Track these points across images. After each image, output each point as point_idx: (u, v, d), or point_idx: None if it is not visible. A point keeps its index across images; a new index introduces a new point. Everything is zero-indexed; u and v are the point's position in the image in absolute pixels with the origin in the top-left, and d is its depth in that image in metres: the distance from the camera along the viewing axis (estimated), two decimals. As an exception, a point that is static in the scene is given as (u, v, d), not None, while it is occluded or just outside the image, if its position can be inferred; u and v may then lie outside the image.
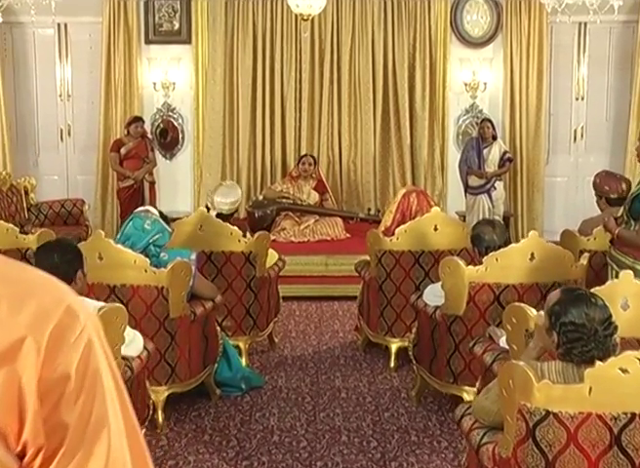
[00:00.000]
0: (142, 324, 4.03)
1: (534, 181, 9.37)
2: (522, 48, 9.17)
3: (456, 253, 5.02)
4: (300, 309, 6.75)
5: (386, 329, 5.15)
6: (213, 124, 9.20)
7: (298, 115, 9.15)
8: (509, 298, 3.98)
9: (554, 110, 9.53)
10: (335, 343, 5.76)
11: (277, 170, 9.23)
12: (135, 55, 9.16)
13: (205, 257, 5.01)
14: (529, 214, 9.42)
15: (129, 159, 8.59)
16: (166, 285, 4.01)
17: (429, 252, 5.00)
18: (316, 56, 9.13)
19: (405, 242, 5.01)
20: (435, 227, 4.99)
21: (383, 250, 5.04)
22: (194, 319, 4.20)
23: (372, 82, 9.11)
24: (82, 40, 9.41)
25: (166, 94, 9.28)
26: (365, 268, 5.32)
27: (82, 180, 9.62)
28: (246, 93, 9.10)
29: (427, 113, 9.18)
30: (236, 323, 5.12)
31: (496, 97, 9.39)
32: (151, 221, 4.19)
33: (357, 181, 9.28)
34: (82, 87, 9.47)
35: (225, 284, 5.05)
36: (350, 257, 7.05)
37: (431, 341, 4.29)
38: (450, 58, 9.23)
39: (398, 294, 5.07)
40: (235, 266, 5.02)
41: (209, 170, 9.26)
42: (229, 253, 5.00)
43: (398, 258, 5.02)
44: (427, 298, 4.33)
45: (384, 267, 5.06)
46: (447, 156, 9.40)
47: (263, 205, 8.10)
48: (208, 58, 9.15)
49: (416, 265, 5.02)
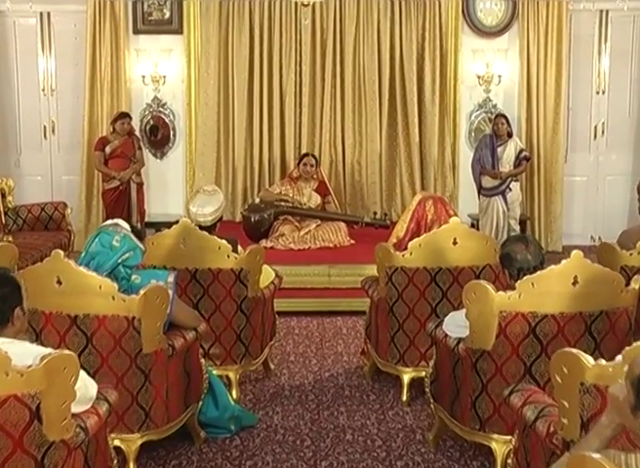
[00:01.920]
0: (110, 361, 3.39)
1: (552, 182, 8.76)
2: (539, 38, 8.58)
3: (478, 270, 4.38)
4: (300, 326, 6.10)
5: (398, 357, 4.49)
6: (206, 120, 8.61)
7: (298, 111, 8.58)
8: (547, 330, 3.34)
9: (573, 105, 8.93)
10: (338, 369, 5.10)
11: (276, 170, 8.63)
12: (122, 46, 8.58)
13: (189, 276, 4.36)
14: (546, 216, 8.82)
15: (114, 158, 7.99)
16: (138, 314, 3.36)
17: (447, 269, 4.35)
18: (317, 46, 8.54)
19: (419, 257, 4.36)
20: (454, 241, 4.34)
21: (395, 266, 4.38)
22: (172, 353, 3.54)
23: (377, 75, 8.53)
24: (66, 30, 8.81)
25: (156, 88, 8.71)
26: (373, 286, 4.66)
27: (67, 181, 9.04)
28: (242, 86, 8.52)
29: (437, 108, 8.60)
30: (225, 350, 4.47)
31: (511, 90, 8.80)
32: (121, 237, 3.54)
33: (362, 182, 8.69)
34: (67, 80, 8.88)
35: (213, 306, 4.40)
36: (355, 267, 6.52)
37: (453, 379, 3.64)
38: (462, 49, 8.66)
39: (411, 318, 4.42)
40: (224, 285, 4.37)
41: (202, 169, 8.67)
42: (217, 270, 4.35)
43: (411, 276, 4.36)
44: (448, 328, 3.67)
45: (396, 286, 4.41)
46: (458, 155, 8.80)
47: (260, 208, 7.44)
48: (201, 50, 8.58)
49: (432, 284, 4.36)
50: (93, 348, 3.37)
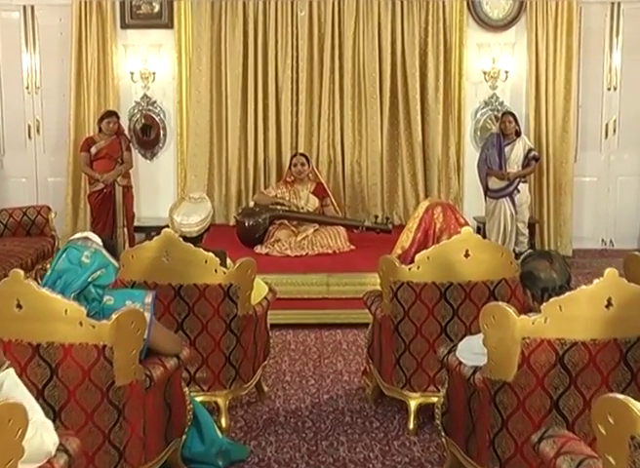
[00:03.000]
0: (78, 395, 2.96)
1: (561, 183, 8.38)
2: (548, 31, 8.19)
3: (492, 285, 3.96)
4: (297, 341, 5.68)
5: (404, 380, 4.07)
6: (198, 119, 8.20)
7: (294, 109, 8.16)
8: (577, 359, 2.92)
9: (583, 102, 8.54)
10: (338, 390, 4.68)
11: (271, 171, 8.24)
12: (109, 41, 8.17)
13: (172, 292, 3.93)
14: (556, 219, 8.42)
15: (99, 159, 7.61)
16: (109, 342, 2.93)
17: (459, 284, 3.93)
18: (315, 41, 8.12)
19: (428, 271, 3.94)
20: (466, 253, 3.92)
21: (400, 281, 3.96)
22: (150, 385, 3.12)
23: (378, 71, 8.12)
24: (51, 24, 8.40)
25: (145, 85, 8.31)
26: (376, 303, 4.24)
27: (53, 183, 8.65)
28: (236, 83, 8.10)
29: (441, 106, 8.20)
30: (213, 374, 4.05)
31: (518, 87, 8.42)
32: (91, 253, 3.11)
33: (362, 184, 8.28)
34: (52, 78, 8.48)
35: (199, 325, 3.98)
36: (355, 276, 6.17)
37: (468, 412, 3.22)
38: (467, 44, 8.26)
39: (419, 338, 4.00)
40: (211, 303, 3.95)
41: (194, 171, 8.27)
42: (204, 286, 3.93)
43: (419, 292, 3.94)
44: (462, 355, 3.25)
45: (401, 303, 3.98)
46: (463, 155, 8.43)
47: (255, 213, 7.03)
48: (192, 45, 8.17)
49: (441, 301, 3.94)
50: (58, 381, 2.95)
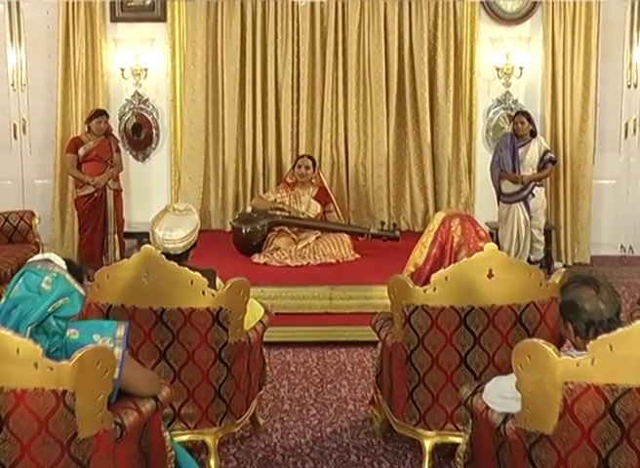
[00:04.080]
0: (33, 450, 2.49)
1: (579, 186, 7.92)
2: (565, 25, 7.70)
3: (519, 309, 3.47)
4: (297, 361, 5.20)
5: (418, 417, 3.58)
6: (193, 118, 7.74)
7: (295, 107, 7.71)
8: (630, 409, 2.45)
9: (601, 100, 8.06)
10: (342, 422, 4.20)
11: (271, 174, 7.78)
12: (98, 35, 7.70)
13: (154, 317, 3.45)
14: (573, 225, 7.96)
15: (88, 162, 7.15)
16: (70, 387, 2.45)
17: (481, 308, 3.44)
18: (317, 35, 7.67)
19: (445, 294, 3.45)
20: (490, 273, 3.42)
21: (414, 305, 3.47)
22: (122, 434, 2.64)
23: (384, 67, 7.66)
24: (37, 18, 7.92)
25: (137, 82, 7.86)
26: (386, 328, 3.76)
27: (41, 186, 8.18)
28: (233, 80, 7.65)
29: (451, 105, 7.72)
30: (201, 410, 3.56)
31: (534, 84, 7.94)
32: (52, 278, 2.64)
33: (367, 188, 7.82)
34: (39, 74, 8.01)
35: (184, 354, 3.49)
36: (361, 289, 5.71)
37: (497, 466, 2.72)
38: (479, 38, 7.77)
39: (435, 369, 3.51)
40: (198, 329, 3.46)
41: (188, 173, 7.80)
42: (189, 310, 3.44)
43: (435, 317, 3.45)
44: (490, 399, 2.77)
45: (415, 330, 3.49)
46: (475, 156, 7.95)
47: (252, 219, 6.56)
48: (187, 39, 7.70)
49: (461, 327, 3.45)
50: (9, 433, 2.47)
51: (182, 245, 3.58)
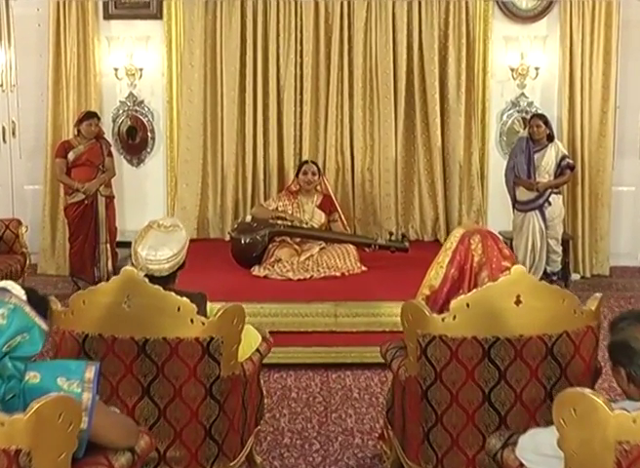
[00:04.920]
0: (-19, 520, 2.07)
1: (597, 193, 7.54)
2: (584, 23, 7.32)
3: (551, 340, 3.05)
4: (299, 386, 4.79)
5: (434, 461, 3.17)
6: (190, 121, 7.37)
7: (298, 110, 7.34)
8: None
9: (621, 102, 7.66)
10: (349, 460, 3.79)
11: (272, 180, 7.41)
12: (91, 33, 7.35)
13: (136, 348, 3.04)
14: (591, 234, 7.58)
15: (78, 167, 6.77)
16: (26, 445, 2.06)
17: (507, 339, 3.02)
18: (322, 33, 7.30)
19: (467, 322, 3.03)
20: (517, 299, 3.01)
21: (431, 335, 3.06)
22: (90, 498, 2.23)
23: (392, 67, 7.29)
24: (28, 15, 7.54)
25: (131, 83, 7.52)
26: (398, 358, 3.34)
27: (31, 192, 7.85)
28: (232, 81, 7.29)
29: (463, 107, 7.34)
30: (189, 452, 3.15)
31: (550, 85, 7.56)
32: (9, 311, 2.24)
33: (374, 195, 7.43)
34: (29, 74, 7.65)
35: (171, 390, 3.08)
36: (368, 306, 5.31)
37: None
38: (492, 37, 7.40)
39: (455, 407, 3.09)
40: (186, 362, 3.05)
41: (185, 179, 7.43)
42: (176, 340, 3.03)
43: (455, 349, 3.04)
44: (525, 456, 2.36)
45: (432, 363, 3.08)
46: (488, 161, 7.58)
47: (252, 228, 6.17)
48: (184, 37, 7.35)
49: (484, 361, 3.04)
50: (-48, 500, 2.06)
51: (169, 265, 3.17)
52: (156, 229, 3.22)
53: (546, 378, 3.07)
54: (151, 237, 3.19)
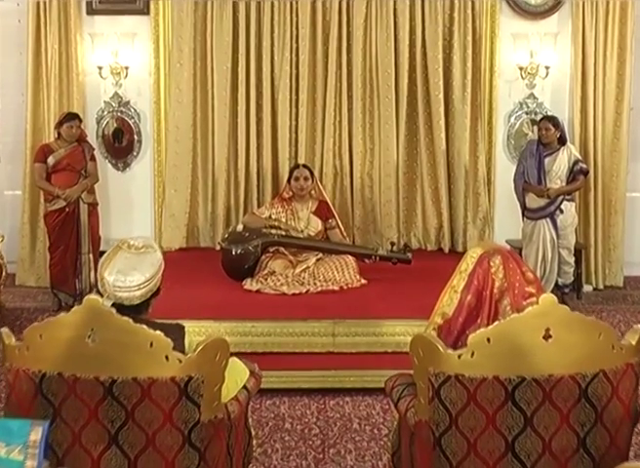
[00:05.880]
0: None
1: (611, 199, 7.21)
2: (598, 19, 6.99)
3: (585, 381, 2.63)
4: (293, 415, 4.37)
5: (449, 518, 2.73)
6: (179, 123, 7.02)
7: (294, 111, 7.03)
8: None
9: (635, 103, 7.33)
10: (349, 508, 3.36)
11: (266, 186, 7.06)
12: (73, 29, 7.01)
13: (101, 390, 2.61)
14: (604, 243, 7.25)
15: (59, 172, 6.37)
16: None
17: (534, 379, 2.60)
18: (318, 30, 6.99)
19: (488, 360, 2.61)
20: (547, 333, 2.59)
21: (446, 374, 2.63)
22: None
23: (394, 66, 6.97)
24: (7, 10, 7.23)
25: (116, 82, 7.15)
26: (407, 398, 2.92)
27: (11, 198, 7.52)
28: (224, 81, 6.96)
29: (469, 108, 7.00)
30: (164, 509, 2.71)
31: (561, 85, 7.23)
32: None
33: (374, 201, 7.08)
34: (9, 73, 7.33)
35: (142, 438, 2.65)
36: (369, 324, 4.92)
37: None
38: (499, 34, 7.06)
39: (473, 458, 2.66)
40: (160, 406, 2.62)
41: (174, 185, 7.06)
42: (148, 381, 2.60)
43: (474, 391, 2.61)
44: None
45: (447, 406, 2.65)
46: (494, 166, 7.23)
47: (244, 238, 5.77)
48: (172, 34, 7.03)
49: (507, 405, 2.61)
50: None
51: (140, 293, 2.74)
52: (126, 250, 2.78)
53: (579, 424, 2.65)
54: (120, 260, 2.75)
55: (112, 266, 2.73)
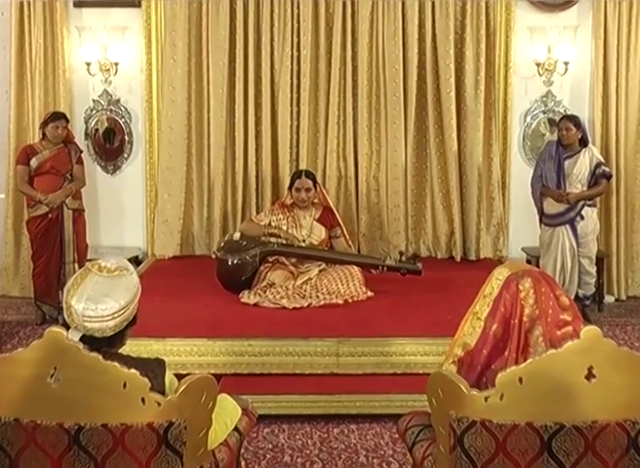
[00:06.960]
0: None
1: (634, 204, 6.87)
2: (620, 11, 6.62)
3: (634, 429, 2.20)
4: (293, 446, 3.94)
5: None
6: (173, 122, 6.66)
7: (295, 110, 6.67)
8: None
9: (656, 101, 6.90)
10: None
11: (265, 190, 6.68)
12: (59, 22, 6.68)
13: (66, 439, 2.21)
14: (627, 251, 6.89)
15: (42, 175, 5.99)
16: None
17: (575, 427, 2.19)
18: (321, 24, 6.64)
19: (520, 403, 2.20)
20: (590, 372, 2.18)
21: (470, 419, 2.21)
22: None
23: (402, 62, 6.61)
24: (-11, 4, 6.89)
25: (106, 79, 6.80)
26: (423, 443, 2.50)
27: (-5, 201, 7.07)
28: (220, 78, 6.61)
29: (482, 107, 6.63)
30: None
31: (581, 82, 6.84)
32: None
33: (381, 206, 6.68)
34: (-8, 70, 6.98)
35: (111, 496, 2.22)
36: (375, 342, 4.54)
37: None
38: (515, 28, 6.70)
39: (502, 519, 2.23)
40: (136, 456, 2.22)
41: (167, 188, 6.69)
42: (121, 428, 2.20)
43: (503, 440, 2.20)
44: None
45: (471, 456, 2.24)
46: (509, 169, 6.85)
47: (241, 247, 5.37)
48: (165, 28, 6.69)
49: (543, 456, 2.21)
50: None
51: (114, 323, 2.32)
52: (97, 274, 2.36)
53: (629, 479, 2.23)
54: (90, 285, 2.32)
55: (81, 292, 2.31)
